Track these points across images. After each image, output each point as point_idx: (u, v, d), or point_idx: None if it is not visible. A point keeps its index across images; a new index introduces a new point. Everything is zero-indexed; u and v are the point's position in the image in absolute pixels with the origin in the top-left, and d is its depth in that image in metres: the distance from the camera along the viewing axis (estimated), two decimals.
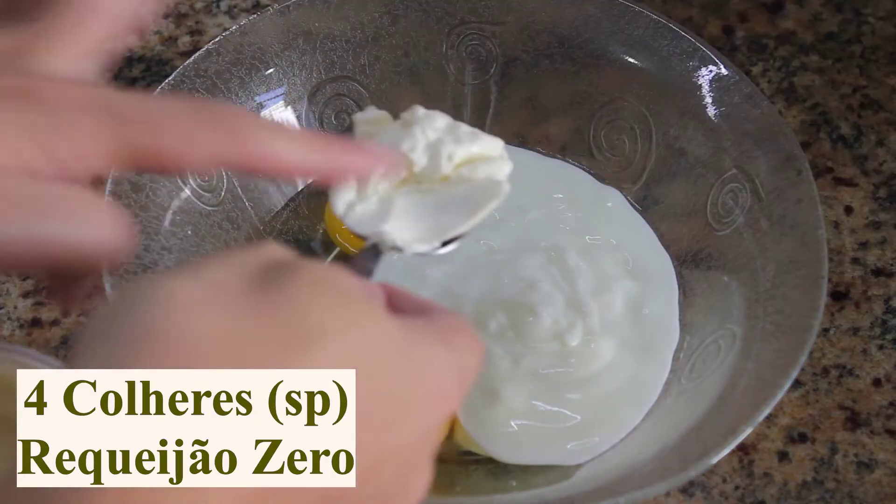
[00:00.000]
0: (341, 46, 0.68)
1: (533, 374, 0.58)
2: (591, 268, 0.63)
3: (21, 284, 0.66)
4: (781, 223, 0.59)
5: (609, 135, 0.68)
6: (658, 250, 0.64)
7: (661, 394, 0.59)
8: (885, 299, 0.66)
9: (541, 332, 0.60)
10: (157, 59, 0.77)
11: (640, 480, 0.51)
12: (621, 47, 0.67)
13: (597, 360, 0.59)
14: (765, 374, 0.54)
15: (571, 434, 0.57)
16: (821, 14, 0.80)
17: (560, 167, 0.69)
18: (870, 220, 0.69)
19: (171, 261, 0.59)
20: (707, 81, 0.64)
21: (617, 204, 0.66)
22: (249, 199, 0.65)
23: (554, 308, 0.60)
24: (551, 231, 0.65)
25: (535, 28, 0.68)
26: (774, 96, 0.75)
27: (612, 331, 0.61)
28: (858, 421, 0.61)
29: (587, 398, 0.58)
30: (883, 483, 0.59)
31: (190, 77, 0.63)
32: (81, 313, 0.64)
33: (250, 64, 0.65)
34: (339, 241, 0.66)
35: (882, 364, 0.63)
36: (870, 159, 0.72)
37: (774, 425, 0.61)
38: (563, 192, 0.67)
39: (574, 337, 0.60)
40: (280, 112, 0.67)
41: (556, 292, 0.61)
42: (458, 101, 0.70)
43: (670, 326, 0.61)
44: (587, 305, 0.61)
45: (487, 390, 0.58)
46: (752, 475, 0.59)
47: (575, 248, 0.64)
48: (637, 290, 0.62)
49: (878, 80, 0.76)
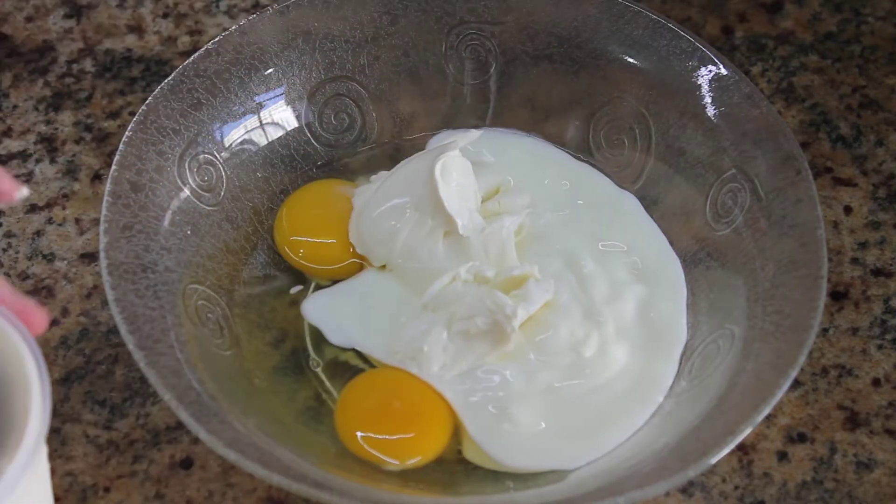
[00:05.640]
0: (341, 46, 0.68)
1: (548, 389, 0.58)
2: (604, 274, 0.63)
3: (21, 284, 0.66)
4: (781, 223, 0.59)
5: (609, 135, 0.68)
6: (668, 253, 0.64)
7: None
8: (885, 299, 0.66)
9: (557, 346, 0.60)
10: (157, 59, 0.77)
11: (640, 480, 0.51)
12: (621, 47, 0.67)
13: (610, 367, 0.59)
14: (764, 374, 0.54)
15: (581, 438, 0.57)
16: (820, 14, 0.80)
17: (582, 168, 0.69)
18: (869, 220, 0.69)
19: (171, 261, 0.59)
20: (706, 81, 0.64)
21: (632, 208, 0.66)
22: (249, 199, 0.65)
23: (570, 320, 0.60)
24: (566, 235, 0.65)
25: (534, 28, 0.68)
26: (774, 96, 0.75)
27: (625, 336, 0.61)
28: (858, 421, 0.61)
29: (598, 402, 0.58)
30: (882, 483, 0.59)
31: (189, 77, 0.63)
32: (81, 313, 0.64)
33: (250, 64, 0.65)
34: (287, 255, 0.65)
35: (881, 364, 0.63)
36: (869, 159, 0.72)
37: (774, 425, 0.61)
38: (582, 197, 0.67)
39: (590, 347, 0.60)
40: (280, 112, 0.67)
41: (574, 304, 0.61)
42: (457, 101, 0.70)
43: (678, 327, 0.61)
44: (602, 314, 0.61)
45: (500, 409, 0.58)
46: (751, 475, 0.59)
47: (590, 253, 0.64)
48: (646, 294, 0.62)
49: (878, 80, 0.76)
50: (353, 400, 0.59)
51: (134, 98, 0.74)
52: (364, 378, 0.60)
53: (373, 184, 0.66)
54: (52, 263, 0.67)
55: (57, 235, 0.68)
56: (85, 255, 0.67)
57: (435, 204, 0.61)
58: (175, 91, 0.63)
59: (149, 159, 0.60)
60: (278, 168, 0.67)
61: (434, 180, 0.61)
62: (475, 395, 0.58)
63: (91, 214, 0.69)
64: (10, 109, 0.74)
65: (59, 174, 0.70)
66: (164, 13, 0.79)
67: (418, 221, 0.62)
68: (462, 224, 0.61)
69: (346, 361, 0.61)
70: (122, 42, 0.77)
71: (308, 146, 0.68)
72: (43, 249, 0.67)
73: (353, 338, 0.61)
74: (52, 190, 0.70)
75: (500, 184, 0.67)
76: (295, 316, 0.62)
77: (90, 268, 0.66)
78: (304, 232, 0.65)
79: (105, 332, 0.64)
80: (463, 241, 0.62)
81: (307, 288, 0.64)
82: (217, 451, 0.50)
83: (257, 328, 0.62)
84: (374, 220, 0.63)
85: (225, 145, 0.64)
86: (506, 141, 0.69)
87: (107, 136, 0.72)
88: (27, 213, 0.69)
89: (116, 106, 0.74)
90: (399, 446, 0.57)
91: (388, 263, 0.63)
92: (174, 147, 0.62)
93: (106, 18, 0.79)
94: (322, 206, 0.66)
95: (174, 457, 0.59)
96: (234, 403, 0.55)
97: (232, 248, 0.63)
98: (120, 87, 0.75)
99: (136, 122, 0.61)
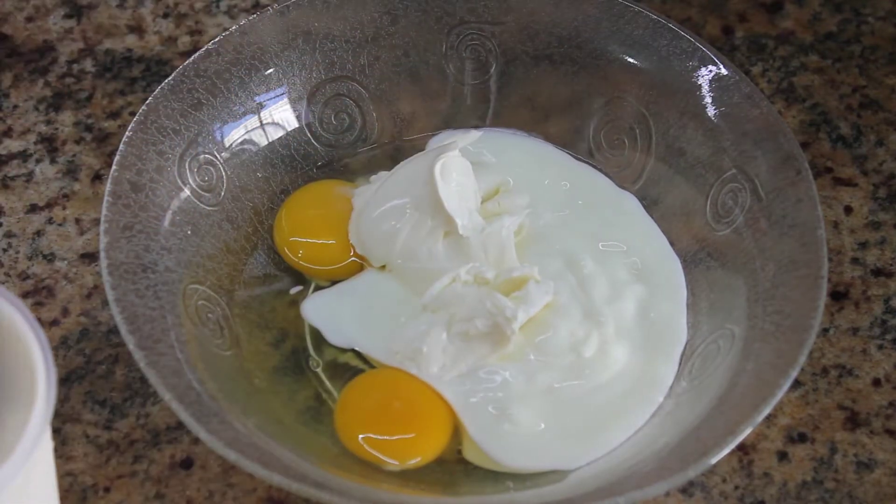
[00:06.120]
0: (341, 46, 0.68)
1: (547, 390, 0.58)
2: (604, 274, 0.63)
3: (21, 284, 0.66)
4: (781, 223, 0.59)
5: (609, 135, 0.68)
6: (668, 253, 0.64)
7: None
8: (885, 299, 0.66)
9: (557, 346, 0.60)
10: (157, 59, 0.77)
11: (640, 480, 0.51)
12: (621, 47, 0.67)
13: (610, 368, 0.59)
14: (764, 374, 0.54)
15: (581, 438, 0.57)
16: (820, 14, 0.80)
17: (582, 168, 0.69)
18: (869, 220, 0.69)
19: (171, 261, 0.59)
20: (706, 81, 0.64)
21: (632, 208, 0.66)
22: (249, 200, 0.65)
23: (570, 320, 0.60)
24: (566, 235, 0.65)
25: (534, 28, 0.68)
26: (774, 96, 0.75)
27: (625, 336, 0.61)
28: (858, 421, 0.61)
29: (598, 403, 0.58)
30: (882, 483, 0.59)
31: (190, 77, 0.63)
32: (82, 313, 0.64)
33: (250, 64, 0.65)
34: (287, 255, 0.65)
35: (882, 364, 0.63)
36: (869, 159, 0.72)
37: (774, 425, 0.61)
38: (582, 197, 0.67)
39: (589, 348, 0.60)
40: (280, 112, 0.67)
41: (574, 304, 0.61)
42: (457, 101, 0.70)
43: (678, 327, 0.61)
44: (602, 315, 0.61)
45: (500, 409, 0.58)
46: (751, 475, 0.59)
47: (590, 254, 0.64)
48: (647, 294, 0.62)
49: (878, 80, 0.76)
50: (353, 400, 0.59)
51: (134, 98, 0.74)
52: (364, 378, 0.60)
53: (373, 184, 0.66)
54: (53, 263, 0.67)
55: (57, 235, 0.68)
56: (85, 255, 0.67)
57: (435, 204, 0.61)
58: (175, 91, 0.63)
59: (149, 159, 0.60)
60: (278, 168, 0.67)
61: (434, 180, 0.61)
62: (475, 395, 0.58)
63: (91, 214, 0.69)
64: (10, 109, 0.74)
65: (59, 174, 0.70)
66: (165, 13, 0.79)
67: (418, 222, 0.62)
68: (462, 224, 0.61)
69: (346, 362, 0.61)
70: (122, 42, 0.77)
71: (308, 146, 0.68)
72: (43, 249, 0.67)
73: (352, 338, 0.61)
74: (53, 190, 0.70)
75: (500, 184, 0.67)
76: (295, 316, 0.62)
77: (90, 268, 0.66)
78: (304, 232, 0.65)
79: (105, 332, 0.64)
80: (463, 241, 0.62)
81: (307, 288, 0.64)
82: (217, 451, 0.50)
83: (257, 328, 0.62)
84: (374, 221, 0.63)
85: (225, 145, 0.64)
86: (506, 141, 0.69)
87: (107, 136, 0.72)
88: (27, 213, 0.69)
89: (117, 106, 0.74)
90: (399, 447, 0.57)
91: (388, 264, 0.63)
92: (174, 147, 0.62)
93: (106, 18, 0.79)
94: (322, 207, 0.66)
95: (174, 457, 0.59)
96: (234, 403, 0.55)
97: (232, 249, 0.63)
98: (120, 87, 0.75)
99: (137, 122, 0.61)
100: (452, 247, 0.62)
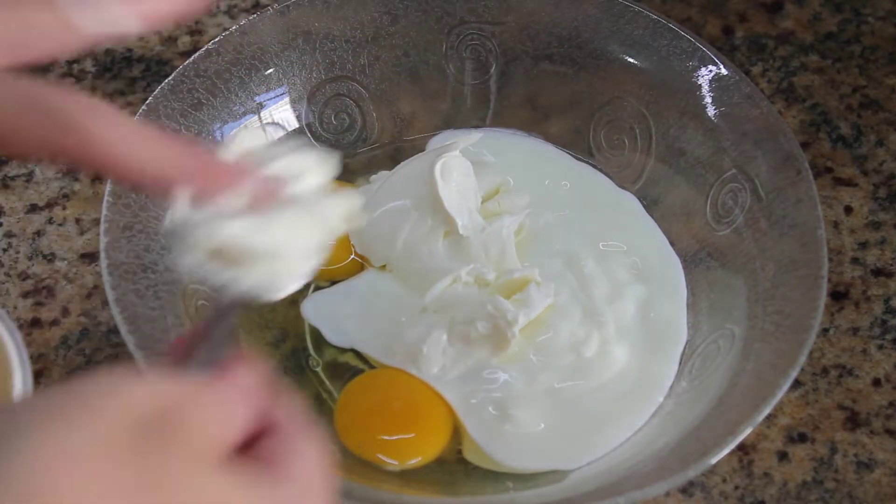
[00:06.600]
0: (341, 46, 0.68)
1: (548, 390, 0.58)
2: (605, 274, 0.63)
3: (21, 284, 0.66)
4: (781, 223, 0.59)
5: (609, 135, 0.68)
6: (668, 253, 0.64)
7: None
8: (885, 299, 0.66)
9: (557, 346, 0.60)
10: (157, 59, 0.77)
11: (640, 480, 0.51)
12: (621, 47, 0.67)
13: (610, 368, 0.59)
14: (764, 374, 0.54)
15: (581, 438, 0.57)
16: (820, 14, 0.80)
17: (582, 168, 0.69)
18: (869, 220, 0.69)
19: (171, 261, 0.59)
20: (707, 81, 0.64)
21: (632, 208, 0.66)
22: None
23: (570, 321, 0.60)
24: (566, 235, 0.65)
25: (534, 28, 0.68)
26: (774, 96, 0.75)
27: (625, 336, 0.61)
28: (858, 421, 0.61)
29: (598, 403, 0.58)
30: (882, 483, 0.59)
31: (190, 77, 0.63)
32: (82, 313, 0.64)
33: (250, 64, 0.65)
34: None
35: (882, 364, 0.63)
36: (869, 159, 0.72)
37: (774, 425, 0.61)
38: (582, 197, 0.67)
39: (590, 348, 0.60)
40: (280, 112, 0.67)
41: (574, 304, 0.61)
42: (457, 101, 0.70)
43: (678, 327, 0.61)
44: (602, 315, 0.61)
45: (500, 409, 0.58)
46: (751, 475, 0.59)
47: (590, 253, 0.64)
48: (647, 294, 0.62)
49: (878, 80, 0.76)
50: (353, 400, 0.59)
51: (134, 98, 0.74)
52: (364, 378, 0.60)
53: (373, 184, 0.66)
54: (53, 263, 0.67)
55: (57, 235, 0.68)
56: (85, 255, 0.67)
57: (435, 204, 0.61)
58: (175, 91, 0.63)
59: None
60: None
61: (434, 180, 0.61)
62: (475, 395, 0.58)
63: (91, 214, 0.69)
64: None
65: (59, 174, 0.70)
66: None
67: (418, 221, 0.62)
68: (462, 224, 0.61)
69: (346, 362, 0.61)
70: (122, 42, 0.77)
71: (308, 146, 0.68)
72: (43, 249, 0.67)
73: (352, 338, 0.61)
74: (53, 190, 0.70)
75: (500, 184, 0.67)
76: (295, 316, 0.62)
77: (90, 268, 0.66)
78: None
79: (105, 332, 0.64)
80: (463, 241, 0.62)
81: (307, 288, 0.64)
82: None
83: (257, 328, 0.62)
84: (375, 221, 0.63)
85: None
86: (506, 141, 0.69)
87: None
88: (27, 213, 0.69)
89: (117, 106, 0.74)
90: (399, 447, 0.57)
91: (389, 264, 0.63)
92: None
93: None
94: None
95: None
96: None
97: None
98: (120, 87, 0.75)
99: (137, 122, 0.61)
100: (453, 247, 0.62)
